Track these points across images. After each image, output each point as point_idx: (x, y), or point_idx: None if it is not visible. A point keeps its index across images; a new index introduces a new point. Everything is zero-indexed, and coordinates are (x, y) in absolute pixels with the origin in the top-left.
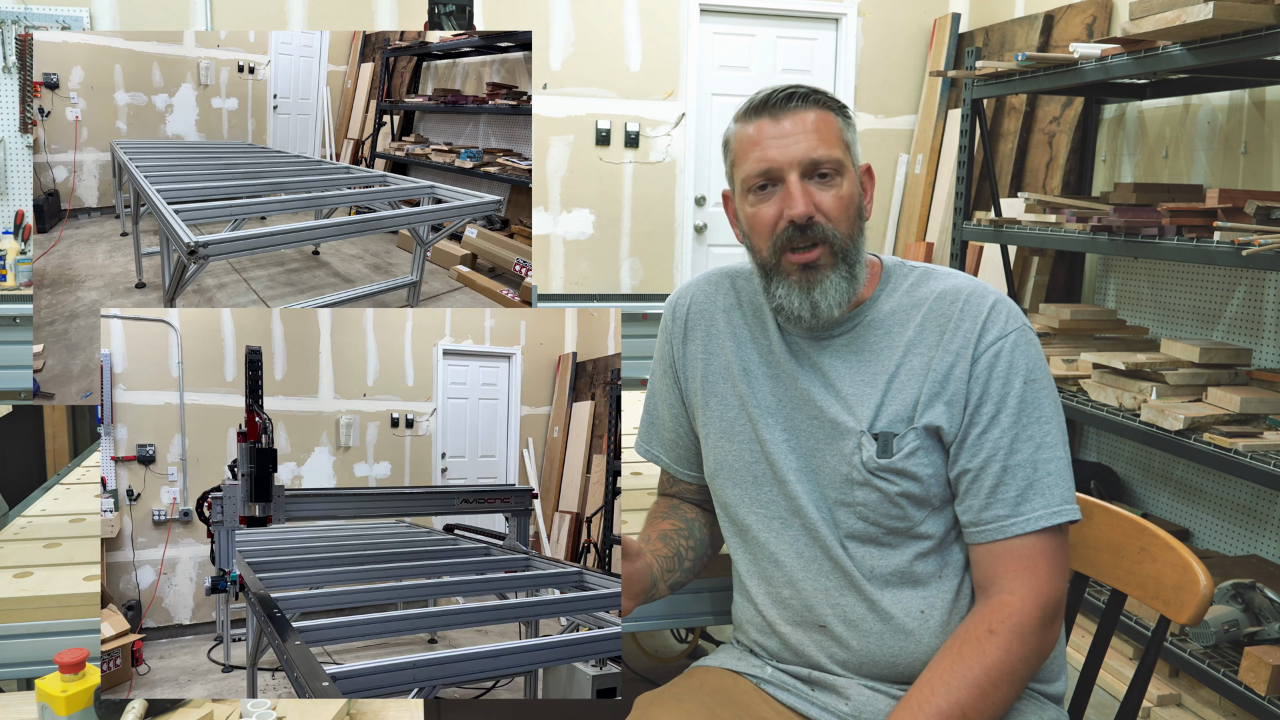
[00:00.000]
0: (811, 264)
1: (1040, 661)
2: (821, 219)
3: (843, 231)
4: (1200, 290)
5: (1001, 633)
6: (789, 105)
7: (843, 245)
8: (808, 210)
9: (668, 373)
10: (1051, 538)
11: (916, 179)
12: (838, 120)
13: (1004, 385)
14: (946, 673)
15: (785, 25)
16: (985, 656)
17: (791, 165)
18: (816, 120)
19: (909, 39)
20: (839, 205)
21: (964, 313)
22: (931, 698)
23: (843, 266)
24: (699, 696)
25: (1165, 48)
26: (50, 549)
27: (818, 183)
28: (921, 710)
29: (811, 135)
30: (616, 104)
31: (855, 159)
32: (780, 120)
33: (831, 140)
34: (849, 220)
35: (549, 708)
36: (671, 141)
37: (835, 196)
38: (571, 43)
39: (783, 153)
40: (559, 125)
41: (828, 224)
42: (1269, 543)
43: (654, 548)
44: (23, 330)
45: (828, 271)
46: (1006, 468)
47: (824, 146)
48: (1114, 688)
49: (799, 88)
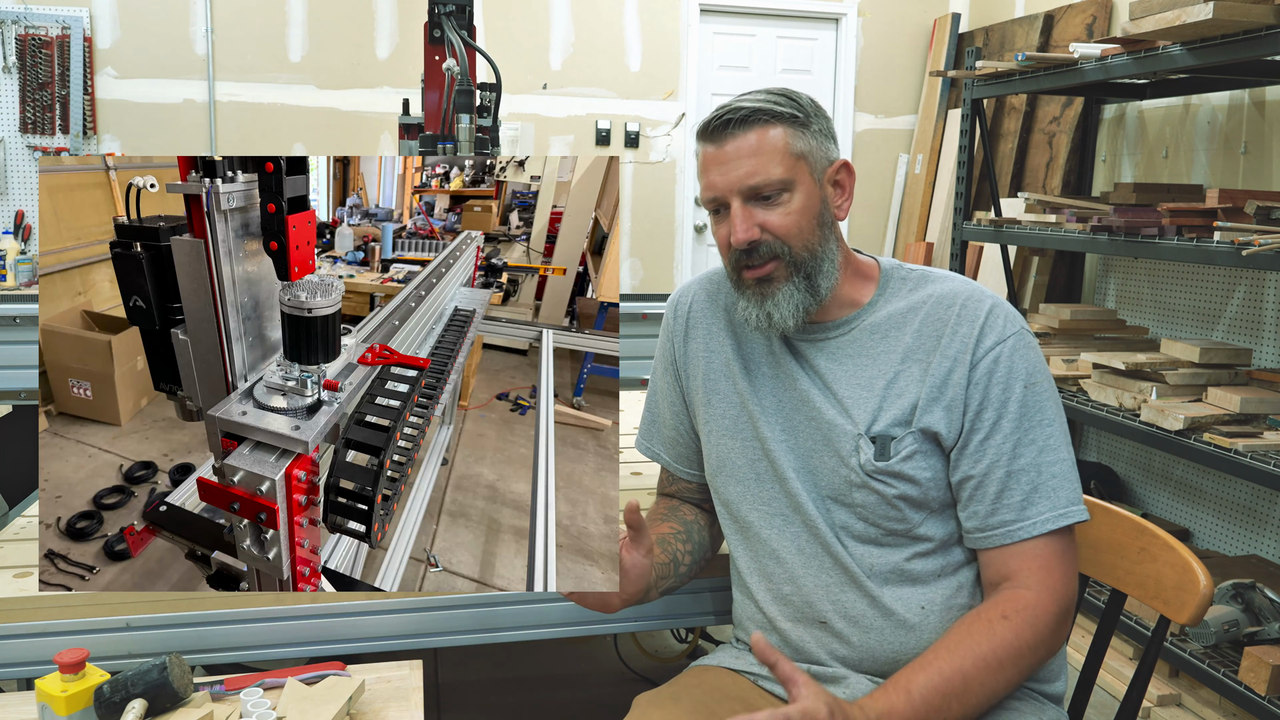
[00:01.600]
0: (765, 278)
1: (1048, 655)
2: (769, 237)
3: (795, 245)
4: (1200, 290)
5: (1014, 619)
6: (727, 130)
7: (796, 258)
8: (748, 236)
9: (669, 371)
10: (1061, 539)
11: (916, 179)
12: (785, 134)
13: (1004, 390)
14: (954, 644)
15: (785, 25)
16: (995, 636)
17: (732, 192)
18: (756, 143)
19: (909, 39)
20: (786, 222)
21: (961, 317)
22: (934, 661)
23: (799, 278)
24: (697, 695)
25: (1165, 48)
26: None
27: (763, 204)
28: (924, 669)
29: (749, 160)
30: (616, 104)
31: (817, 164)
32: (722, 145)
33: (773, 161)
34: (803, 233)
35: (549, 707)
36: (671, 141)
37: (783, 214)
38: (571, 43)
39: (724, 180)
40: (559, 125)
41: (776, 241)
42: (1269, 543)
43: (653, 551)
44: (23, 330)
45: (781, 284)
46: (1010, 473)
47: (761, 171)
48: (1114, 688)
49: (739, 109)
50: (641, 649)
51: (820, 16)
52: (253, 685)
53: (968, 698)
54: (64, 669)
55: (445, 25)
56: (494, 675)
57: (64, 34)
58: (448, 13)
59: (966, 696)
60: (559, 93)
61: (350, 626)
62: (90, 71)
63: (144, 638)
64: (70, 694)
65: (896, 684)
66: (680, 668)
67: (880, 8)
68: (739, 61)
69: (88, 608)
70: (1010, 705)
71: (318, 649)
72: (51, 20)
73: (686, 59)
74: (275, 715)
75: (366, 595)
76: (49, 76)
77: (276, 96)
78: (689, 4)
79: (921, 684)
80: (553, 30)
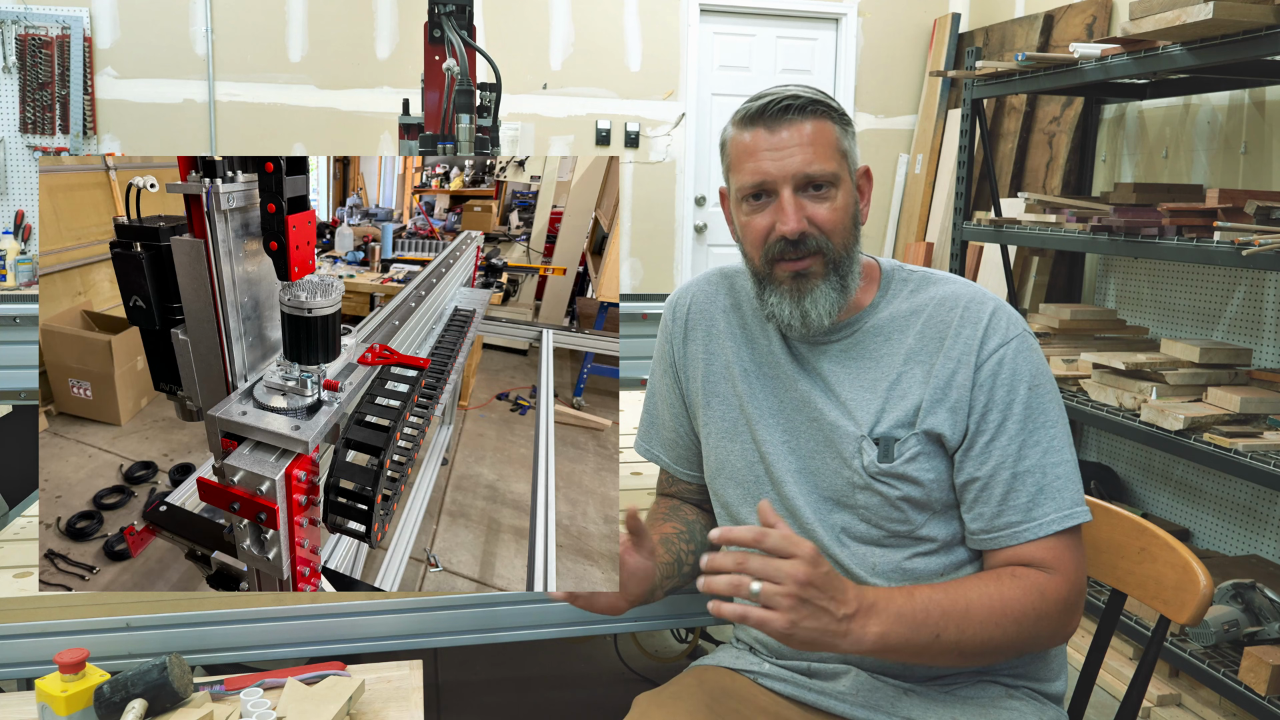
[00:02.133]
0: (802, 273)
1: (1050, 635)
2: (815, 232)
3: (837, 243)
4: (1200, 290)
5: (1024, 581)
6: (785, 116)
7: (836, 256)
8: (800, 227)
9: (668, 372)
10: (1068, 538)
11: (916, 179)
12: (835, 129)
13: (1009, 392)
14: (964, 580)
15: (785, 25)
16: (1003, 587)
17: (785, 179)
18: (813, 132)
19: (909, 39)
20: (833, 218)
21: (964, 319)
22: (943, 585)
23: (834, 276)
24: (696, 695)
25: (1165, 48)
26: None
27: (812, 195)
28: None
29: (807, 149)
30: (616, 104)
31: (853, 165)
32: (776, 131)
33: (827, 153)
34: (844, 231)
35: (549, 707)
36: (671, 141)
37: (830, 209)
38: (571, 43)
39: (777, 166)
40: (559, 125)
41: (821, 236)
42: (1269, 543)
43: (656, 553)
44: (23, 330)
45: (818, 280)
46: (1016, 474)
47: (819, 160)
48: (1114, 688)
49: (797, 97)
50: (641, 649)
51: (820, 16)
52: (253, 685)
53: (965, 627)
54: (64, 669)
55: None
56: (494, 675)
57: (64, 34)
58: (448, 13)
59: (965, 625)
60: (559, 93)
61: (350, 626)
62: (90, 71)
63: (144, 638)
64: (70, 694)
65: (903, 587)
66: (680, 668)
67: (880, 8)
68: (739, 61)
69: (88, 608)
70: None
71: (318, 649)
72: (51, 20)
73: (686, 59)
74: (275, 715)
75: (366, 595)
76: (49, 76)
77: (276, 96)
78: (689, 4)
79: (925, 595)
80: (553, 30)
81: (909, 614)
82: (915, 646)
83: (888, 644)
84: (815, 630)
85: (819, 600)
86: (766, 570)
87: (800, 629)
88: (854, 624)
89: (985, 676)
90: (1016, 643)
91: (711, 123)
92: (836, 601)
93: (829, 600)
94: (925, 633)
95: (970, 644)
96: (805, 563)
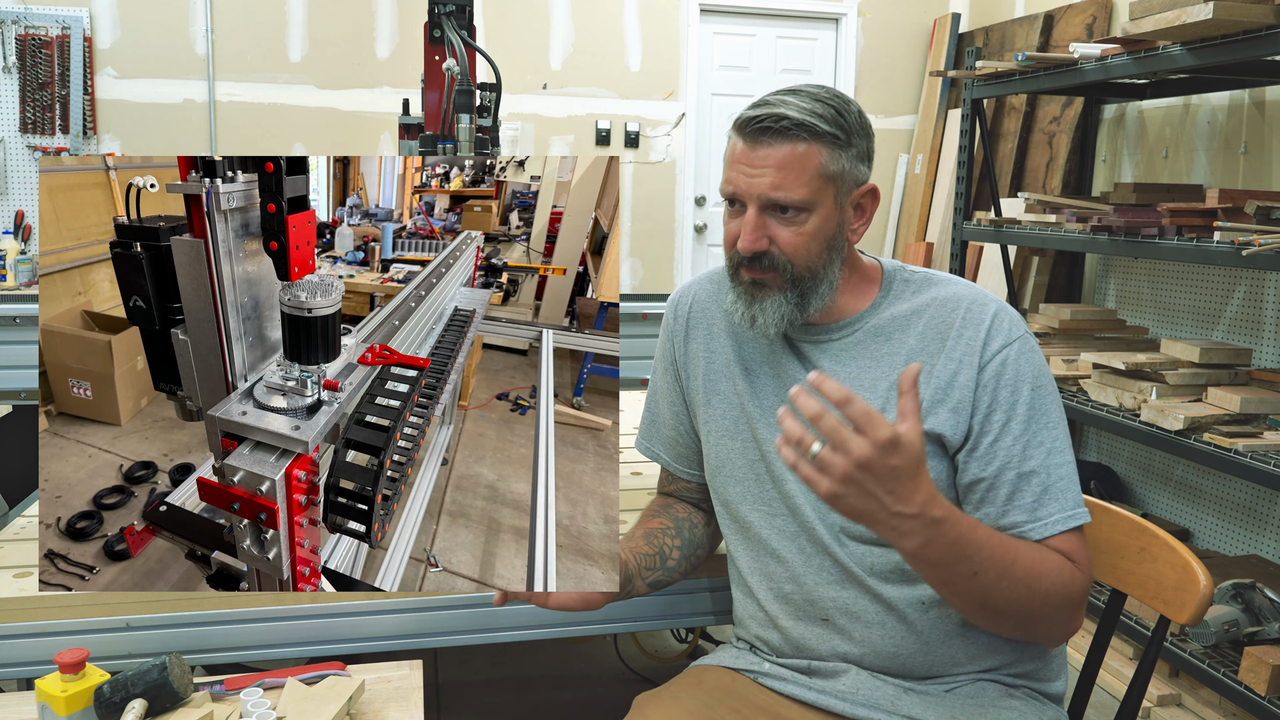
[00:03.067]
0: (759, 282)
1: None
2: (776, 250)
3: (798, 264)
4: (1200, 290)
5: (1060, 562)
6: (763, 137)
7: (796, 275)
8: (754, 247)
9: (669, 371)
10: (1074, 537)
11: (916, 179)
12: (821, 153)
13: (1012, 393)
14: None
15: (785, 25)
16: (1046, 558)
17: (751, 198)
18: (789, 157)
19: (909, 39)
20: (797, 242)
21: (966, 320)
22: (997, 534)
23: (792, 292)
24: (696, 694)
25: (1165, 48)
26: None
27: (779, 217)
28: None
29: (778, 173)
30: (616, 104)
31: (844, 187)
32: (755, 149)
33: (800, 179)
34: (810, 254)
35: (549, 707)
36: (671, 141)
37: (794, 234)
38: (571, 43)
39: (747, 183)
40: (559, 125)
41: (781, 256)
42: (1269, 543)
43: (635, 545)
44: (23, 330)
45: (773, 292)
46: (1021, 475)
47: (786, 188)
48: (1114, 688)
49: (783, 118)
50: (641, 649)
51: (820, 16)
52: (253, 685)
53: (1002, 578)
54: (64, 669)
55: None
56: (494, 675)
57: (64, 34)
58: (448, 13)
59: (1002, 577)
60: (559, 93)
61: (350, 626)
62: (90, 71)
63: (144, 638)
64: (70, 694)
65: (969, 518)
66: (680, 668)
67: (880, 8)
68: (739, 61)
69: (88, 608)
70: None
71: (318, 649)
72: (51, 20)
73: (686, 59)
74: (275, 715)
75: (366, 595)
76: (49, 76)
77: (276, 96)
78: (689, 4)
79: (986, 534)
80: (553, 30)
81: (961, 543)
82: (948, 574)
83: (924, 557)
84: (858, 510)
85: (871, 486)
86: (835, 436)
87: (843, 503)
88: (904, 523)
89: (985, 676)
90: (1034, 615)
91: (711, 123)
92: (894, 496)
93: (885, 492)
94: (965, 566)
95: (998, 597)
96: (873, 446)
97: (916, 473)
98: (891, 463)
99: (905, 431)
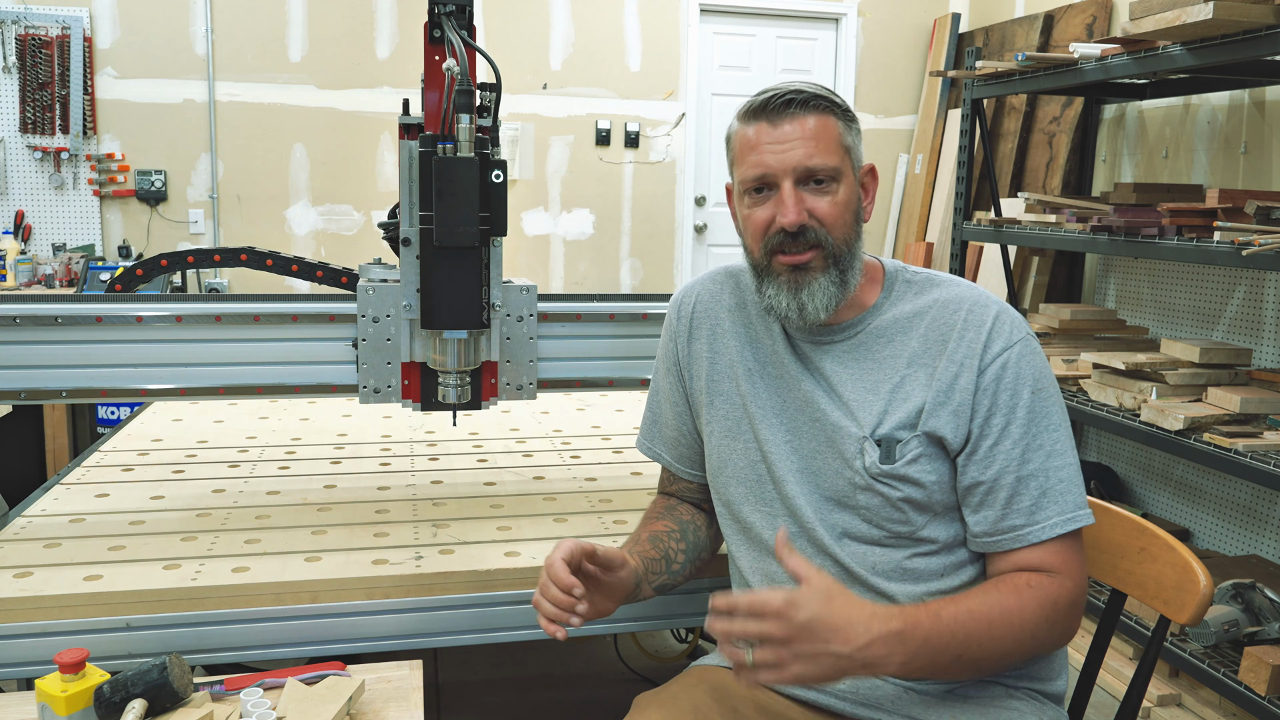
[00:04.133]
0: (802, 265)
1: (1054, 642)
2: (815, 224)
3: (837, 237)
4: (1200, 290)
5: (1038, 590)
6: (788, 110)
7: (836, 250)
8: (799, 219)
9: (671, 371)
10: (1071, 541)
11: (916, 179)
12: (839, 124)
13: (1013, 396)
14: (984, 592)
15: (785, 25)
16: (1021, 598)
17: (786, 172)
18: (816, 126)
19: (909, 39)
20: (834, 212)
21: (968, 322)
22: (966, 600)
23: (834, 270)
24: (695, 694)
25: (1165, 48)
26: (50, 549)
27: (813, 189)
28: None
29: (809, 142)
30: (616, 104)
31: (856, 162)
32: (779, 125)
33: (829, 147)
34: (844, 226)
35: (549, 707)
36: (671, 141)
37: (830, 203)
38: (571, 43)
39: (778, 159)
40: (559, 125)
41: (821, 229)
42: (1269, 543)
43: (642, 548)
44: (23, 330)
45: (818, 274)
46: (1020, 478)
47: (820, 155)
48: (1114, 688)
49: (800, 92)
50: (641, 649)
51: (820, 16)
52: (253, 685)
53: (986, 644)
54: (64, 669)
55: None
56: (494, 675)
57: (64, 34)
58: (448, 13)
59: (985, 643)
60: (559, 93)
61: (350, 626)
62: (90, 71)
63: (144, 638)
64: (70, 694)
65: (928, 607)
66: (680, 668)
67: (880, 8)
68: (739, 61)
69: (88, 608)
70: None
71: (318, 649)
72: (51, 20)
73: (686, 59)
74: (275, 715)
75: (366, 595)
76: (49, 76)
77: (276, 96)
78: (689, 4)
79: (951, 615)
80: (553, 30)
81: (935, 638)
82: (938, 667)
83: (911, 670)
84: (825, 672)
85: (809, 648)
86: (747, 636)
87: (807, 677)
88: (869, 652)
89: (985, 676)
90: (1030, 652)
91: (711, 123)
92: (837, 641)
93: (823, 643)
94: (948, 655)
95: (989, 659)
96: (775, 620)
97: (834, 611)
98: (800, 619)
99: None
